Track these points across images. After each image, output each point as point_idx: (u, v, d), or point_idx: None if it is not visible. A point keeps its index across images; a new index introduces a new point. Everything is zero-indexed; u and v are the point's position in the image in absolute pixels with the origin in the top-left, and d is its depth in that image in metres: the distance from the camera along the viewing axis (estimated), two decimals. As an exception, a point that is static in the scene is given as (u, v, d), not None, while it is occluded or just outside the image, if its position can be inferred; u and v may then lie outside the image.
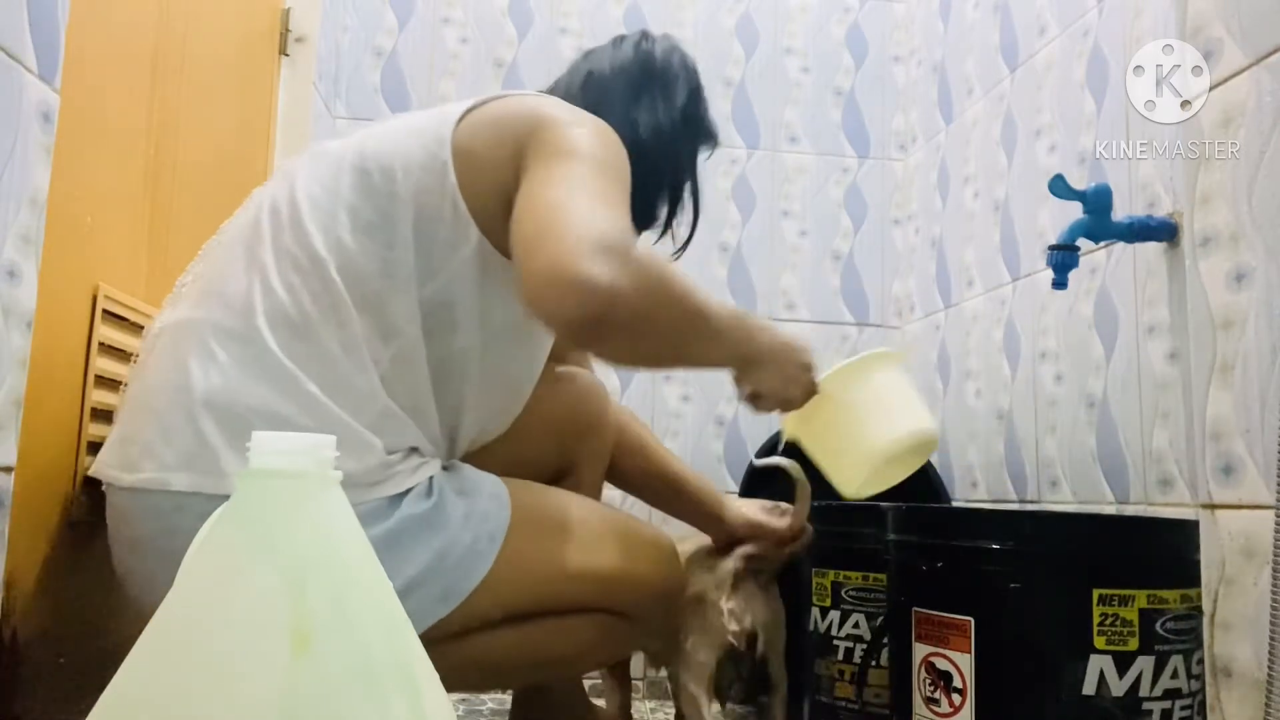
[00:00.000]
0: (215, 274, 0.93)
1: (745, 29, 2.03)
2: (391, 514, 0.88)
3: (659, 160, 1.11)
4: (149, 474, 0.84)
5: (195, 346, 0.88)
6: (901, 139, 2.05)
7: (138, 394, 0.90)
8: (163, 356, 0.90)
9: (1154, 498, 1.19)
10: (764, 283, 1.97)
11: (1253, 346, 0.76)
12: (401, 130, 0.97)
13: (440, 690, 0.56)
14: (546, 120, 0.92)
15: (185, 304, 0.93)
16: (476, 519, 0.92)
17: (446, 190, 0.92)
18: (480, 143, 0.93)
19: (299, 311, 0.88)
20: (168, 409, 0.86)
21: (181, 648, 0.50)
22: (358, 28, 1.95)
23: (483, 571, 0.91)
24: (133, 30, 1.09)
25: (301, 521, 0.53)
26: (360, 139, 0.98)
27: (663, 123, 1.13)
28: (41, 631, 0.91)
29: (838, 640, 1.27)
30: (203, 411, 0.85)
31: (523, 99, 0.99)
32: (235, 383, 0.86)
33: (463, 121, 0.95)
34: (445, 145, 0.93)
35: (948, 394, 1.77)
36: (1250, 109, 0.78)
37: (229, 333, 0.88)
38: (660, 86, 1.15)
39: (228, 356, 0.87)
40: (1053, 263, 1.17)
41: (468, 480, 0.96)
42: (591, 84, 1.13)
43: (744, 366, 0.96)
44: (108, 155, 1.04)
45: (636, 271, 0.78)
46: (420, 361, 0.93)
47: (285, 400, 0.85)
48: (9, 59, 0.74)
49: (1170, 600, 0.88)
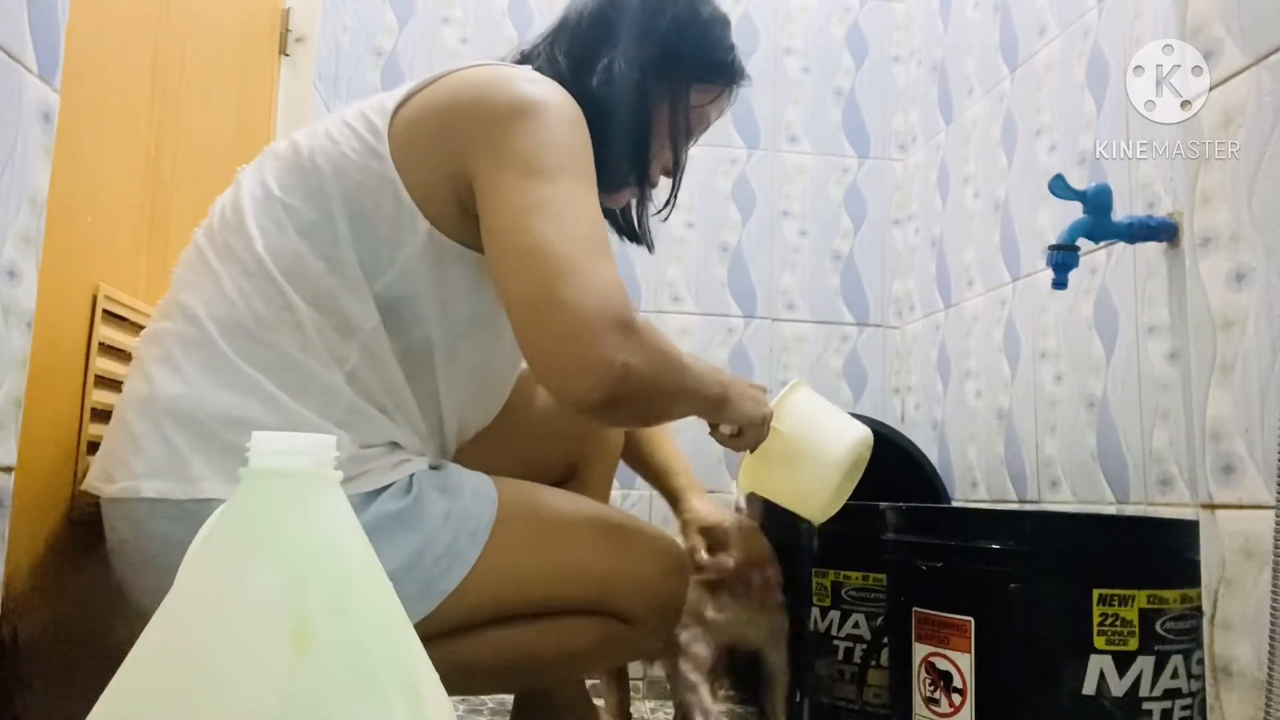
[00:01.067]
0: (179, 283, 0.94)
1: (745, 29, 2.03)
2: (364, 510, 0.86)
3: (621, 115, 1.01)
4: (122, 483, 0.86)
5: (159, 356, 0.89)
6: (901, 139, 2.05)
7: (117, 406, 0.92)
8: (135, 367, 0.92)
9: (1154, 498, 1.19)
10: (764, 283, 1.97)
11: (1253, 346, 0.76)
12: (337, 123, 0.95)
13: (440, 690, 0.56)
14: (494, 106, 0.88)
15: (157, 314, 0.95)
16: (458, 517, 0.90)
17: (385, 183, 0.90)
18: (423, 130, 0.90)
19: (252, 316, 0.88)
20: (136, 419, 0.87)
21: (181, 648, 0.50)
22: (358, 28, 1.94)
23: (464, 570, 0.89)
24: (133, 30, 1.09)
25: (301, 521, 0.53)
26: (302, 135, 0.96)
27: (622, 67, 1.01)
28: (41, 631, 0.91)
29: (837, 640, 1.27)
30: (166, 420, 0.86)
31: (459, 76, 0.93)
32: (197, 390, 0.86)
33: (401, 110, 0.92)
34: (382, 138, 0.91)
35: (948, 394, 1.77)
36: (1250, 109, 0.78)
37: (189, 341, 0.88)
38: (629, 20, 1.04)
39: (190, 364, 0.87)
40: (1053, 263, 1.17)
41: (452, 479, 0.94)
42: (560, 31, 1.06)
43: (721, 408, 0.97)
44: (108, 155, 1.03)
45: (646, 347, 0.80)
46: (388, 356, 0.91)
47: (249, 403, 0.86)
48: (9, 59, 0.74)
49: (1170, 600, 0.88)
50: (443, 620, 0.88)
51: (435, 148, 0.90)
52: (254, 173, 0.96)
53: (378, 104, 0.94)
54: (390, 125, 0.92)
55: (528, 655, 0.96)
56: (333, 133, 0.94)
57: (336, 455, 0.80)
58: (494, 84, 0.91)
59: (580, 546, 0.98)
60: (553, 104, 0.90)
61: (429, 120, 0.91)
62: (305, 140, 0.95)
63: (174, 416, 0.86)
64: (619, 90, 1.01)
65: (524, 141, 0.86)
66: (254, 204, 0.93)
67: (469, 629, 0.91)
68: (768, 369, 1.94)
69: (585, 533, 0.99)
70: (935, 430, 1.80)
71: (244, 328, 0.88)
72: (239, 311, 0.88)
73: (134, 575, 0.88)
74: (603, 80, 1.01)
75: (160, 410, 0.86)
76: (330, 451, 0.55)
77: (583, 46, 1.04)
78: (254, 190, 0.94)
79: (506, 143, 0.87)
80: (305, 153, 0.93)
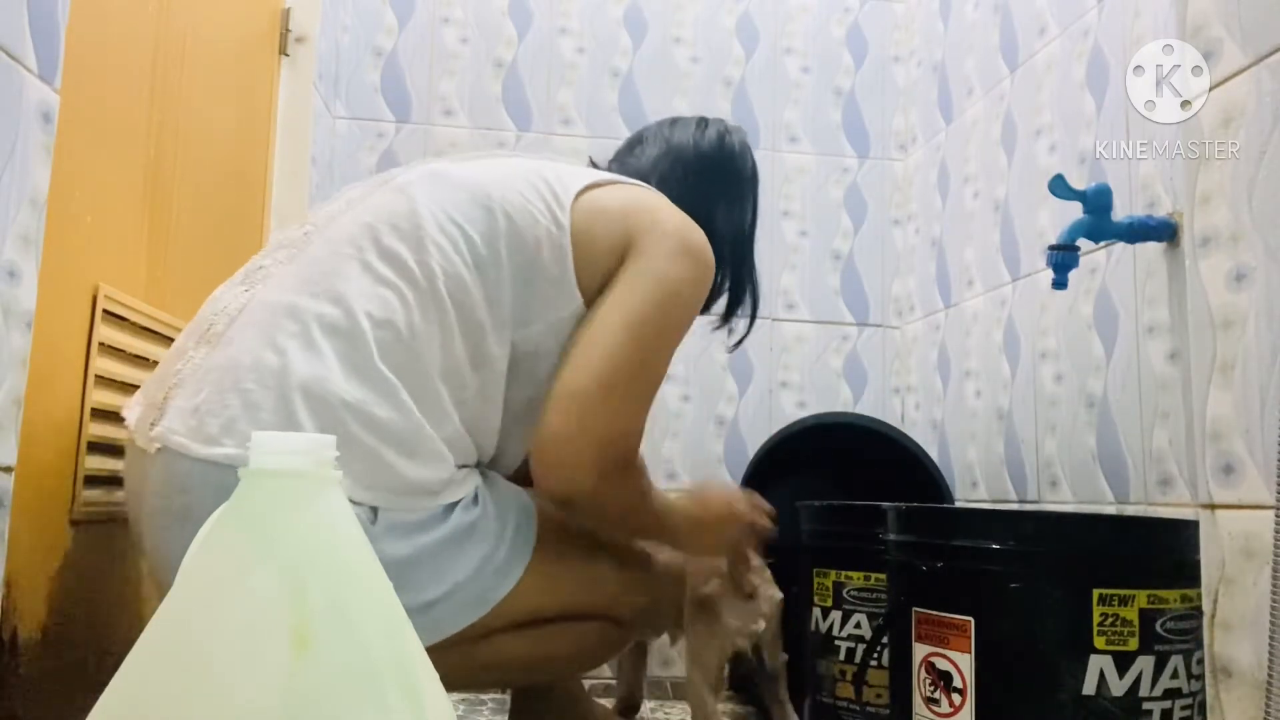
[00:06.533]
0: (320, 267, 0.92)
1: (745, 29, 2.03)
2: (444, 522, 0.90)
3: (730, 259, 1.18)
4: (229, 449, 0.83)
5: (296, 332, 0.88)
6: (901, 139, 2.05)
7: (221, 366, 0.87)
8: (253, 334, 0.88)
9: (1154, 498, 1.19)
10: (764, 283, 1.95)
11: (1253, 346, 0.76)
12: (521, 180, 1.00)
13: (440, 690, 0.56)
14: (655, 233, 1.00)
15: (280, 288, 0.92)
16: (511, 530, 0.96)
17: (559, 251, 0.97)
18: (599, 227, 1.00)
19: (408, 323, 0.90)
20: (257, 388, 0.85)
21: (181, 647, 0.50)
22: (358, 28, 1.94)
23: (514, 580, 0.94)
24: (133, 30, 1.09)
25: (301, 521, 0.53)
26: (479, 173, 1.01)
27: (740, 225, 1.20)
28: (41, 631, 0.91)
29: (839, 640, 1.27)
30: (298, 396, 0.85)
31: (644, 195, 1.05)
32: (336, 375, 0.86)
33: (583, 196, 1.01)
34: (565, 210, 0.98)
35: (948, 394, 1.77)
36: (1250, 109, 0.78)
37: (333, 327, 0.88)
38: (738, 187, 1.22)
39: (330, 349, 0.87)
40: (1053, 263, 1.17)
41: (501, 491, 0.99)
42: (674, 159, 1.19)
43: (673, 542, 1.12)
44: (108, 155, 1.03)
45: (618, 490, 0.97)
46: (498, 397, 0.97)
47: (382, 403, 0.87)
48: (9, 59, 0.74)
49: (1170, 600, 0.88)
50: (482, 626, 0.93)
51: (603, 246, 0.99)
52: (429, 190, 0.98)
53: (560, 181, 1.02)
54: (574, 205, 0.99)
55: (542, 655, 1.02)
56: (520, 188, 0.99)
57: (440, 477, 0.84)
58: (668, 213, 1.04)
59: (603, 559, 1.05)
60: (708, 276, 1.05)
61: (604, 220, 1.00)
62: (488, 179, 1.00)
63: (307, 394, 0.85)
64: (731, 243, 1.18)
65: (656, 281, 0.99)
66: (434, 224, 0.95)
67: (498, 632, 0.95)
68: (768, 369, 1.94)
69: (607, 546, 1.05)
70: (935, 430, 1.80)
71: (397, 332, 0.89)
72: (397, 316, 0.90)
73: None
74: (727, 223, 1.18)
75: (293, 385, 0.85)
76: (330, 451, 0.55)
77: (702, 186, 1.18)
78: (433, 210, 0.96)
79: (645, 270, 0.99)
80: (494, 195, 0.98)
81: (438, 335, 0.91)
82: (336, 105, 1.91)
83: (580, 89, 1.97)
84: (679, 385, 1.91)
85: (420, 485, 0.89)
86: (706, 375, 1.92)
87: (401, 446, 0.87)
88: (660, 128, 1.24)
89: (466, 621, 0.91)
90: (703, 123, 1.24)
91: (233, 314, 0.91)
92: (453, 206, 0.96)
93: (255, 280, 0.95)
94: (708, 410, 1.92)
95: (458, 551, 0.91)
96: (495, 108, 1.95)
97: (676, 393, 1.91)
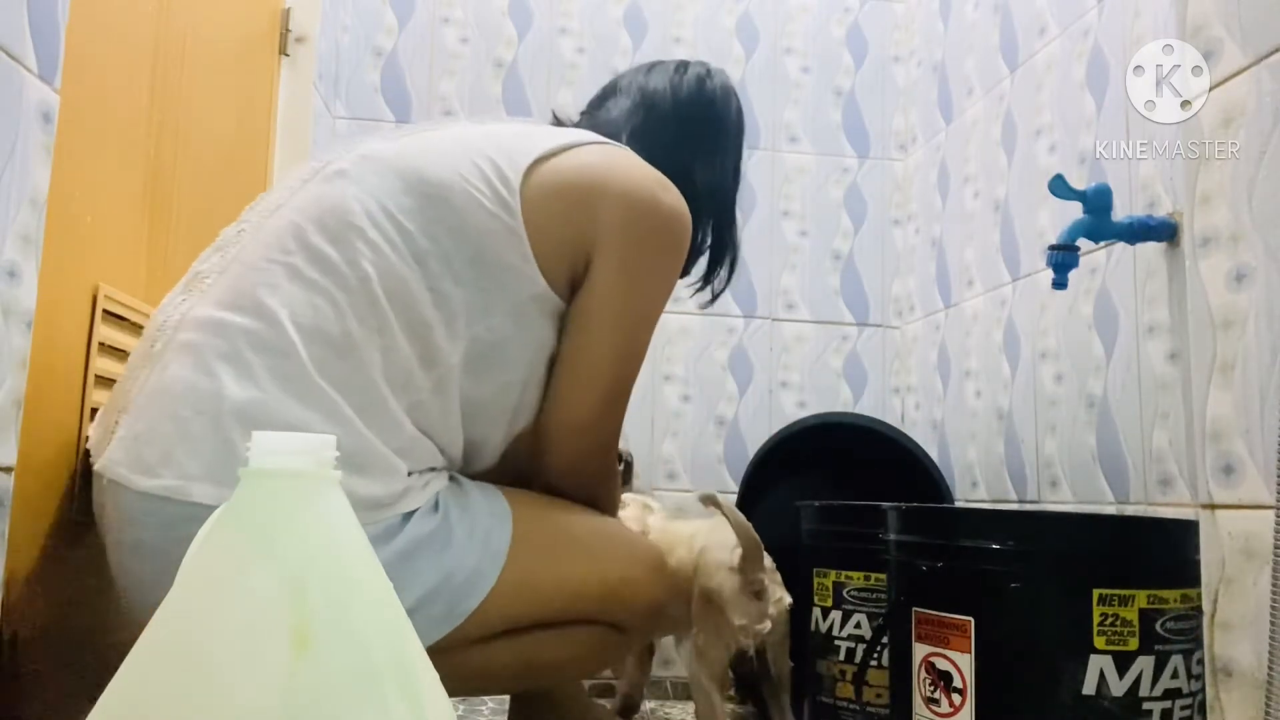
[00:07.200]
0: (249, 277, 0.87)
1: (745, 29, 2.03)
2: (400, 532, 0.86)
3: (711, 215, 1.13)
4: (168, 481, 0.81)
5: (227, 352, 0.83)
6: (901, 139, 2.05)
7: (155, 391, 0.84)
8: (186, 356, 0.84)
9: (1154, 498, 1.19)
10: (764, 283, 1.97)
11: (1253, 346, 0.76)
12: (463, 159, 0.93)
13: (440, 690, 0.56)
14: (621, 213, 0.96)
15: (211, 301, 0.87)
16: (480, 537, 0.90)
17: (513, 237, 0.92)
18: (556, 207, 0.95)
19: (342, 331, 0.85)
20: (193, 415, 0.82)
21: (181, 648, 0.50)
22: (358, 28, 1.94)
23: (485, 591, 0.89)
24: (133, 30, 1.09)
25: (301, 521, 0.53)
26: (415, 154, 0.94)
27: (721, 179, 1.14)
28: (41, 631, 0.91)
29: (839, 640, 1.27)
30: (232, 422, 0.81)
31: (606, 161, 0.99)
32: (270, 397, 0.82)
33: (535, 170, 0.94)
34: (515, 192, 0.93)
35: (948, 394, 1.77)
36: (1250, 109, 0.78)
37: (263, 343, 0.84)
38: (719, 138, 1.15)
39: (262, 368, 0.83)
40: (1053, 263, 1.17)
41: (469, 495, 0.94)
42: (649, 110, 1.12)
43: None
44: (108, 155, 1.03)
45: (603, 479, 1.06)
46: (454, 393, 0.92)
47: (324, 422, 0.82)
48: (9, 59, 0.74)
49: (1170, 600, 0.88)
50: (459, 636, 0.88)
51: (558, 232, 0.94)
52: (360, 178, 0.92)
53: (506, 156, 0.95)
54: (523, 183, 0.93)
55: (532, 663, 0.98)
56: (461, 169, 0.93)
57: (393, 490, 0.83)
58: (622, 182, 0.97)
59: (585, 563, 0.99)
60: (685, 242, 1.02)
61: (555, 204, 0.95)
62: (424, 161, 0.93)
63: (242, 421, 0.81)
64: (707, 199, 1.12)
65: (650, 268, 0.98)
66: (366, 218, 0.89)
67: (480, 641, 0.92)
68: (768, 369, 1.94)
69: (589, 548, 1.01)
70: (935, 430, 1.80)
71: (331, 342, 0.85)
72: (329, 324, 0.85)
73: (152, 578, 0.81)
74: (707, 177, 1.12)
75: (227, 411, 0.81)
76: (331, 451, 0.55)
77: (679, 138, 1.11)
78: (364, 202, 0.90)
79: (639, 256, 0.97)
80: (431, 180, 0.91)
81: (377, 339, 0.86)
82: (336, 105, 1.91)
83: (580, 89, 1.97)
84: (679, 385, 1.91)
85: (371, 500, 0.84)
86: (706, 375, 1.92)
87: (349, 464, 0.83)
88: (636, 74, 1.17)
89: (437, 636, 0.86)
90: (682, 66, 1.16)
91: (169, 332, 0.87)
92: (386, 196, 0.90)
93: (193, 289, 0.90)
94: (708, 410, 1.92)
95: (419, 564, 0.85)
96: (495, 108, 1.95)
97: (676, 393, 1.91)
